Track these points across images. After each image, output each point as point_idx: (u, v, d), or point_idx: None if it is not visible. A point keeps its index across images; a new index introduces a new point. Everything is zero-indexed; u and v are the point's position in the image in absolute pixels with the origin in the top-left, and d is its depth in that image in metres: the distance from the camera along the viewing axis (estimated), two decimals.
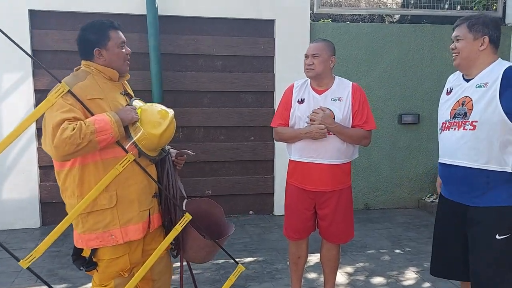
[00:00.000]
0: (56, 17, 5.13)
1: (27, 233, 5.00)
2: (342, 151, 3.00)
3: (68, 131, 2.04)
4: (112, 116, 2.16)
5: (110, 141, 2.15)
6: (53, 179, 5.27)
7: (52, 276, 3.91)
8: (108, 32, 2.33)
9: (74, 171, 2.24)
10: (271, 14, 5.57)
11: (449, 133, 2.51)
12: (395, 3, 6.51)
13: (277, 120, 3.16)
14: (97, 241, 2.29)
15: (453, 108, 2.51)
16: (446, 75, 6.08)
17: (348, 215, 3.14)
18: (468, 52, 2.44)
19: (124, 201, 2.29)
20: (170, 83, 5.40)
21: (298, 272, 3.30)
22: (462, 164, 2.42)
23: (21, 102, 5.09)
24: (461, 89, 2.51)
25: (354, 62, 5.86)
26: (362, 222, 5.48)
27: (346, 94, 3.01)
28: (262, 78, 5.67)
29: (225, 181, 5.69)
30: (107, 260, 2.34)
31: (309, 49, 3.03)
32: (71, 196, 2.29)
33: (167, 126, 2.33)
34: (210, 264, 4.08)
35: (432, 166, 6.18)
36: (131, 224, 2.32)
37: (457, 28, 2.52)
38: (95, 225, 2.28)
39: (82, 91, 2.20)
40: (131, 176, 2.29)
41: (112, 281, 2.38)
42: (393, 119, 6.04)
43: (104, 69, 2.35)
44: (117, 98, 2.35)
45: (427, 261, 4.24)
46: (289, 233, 3.21)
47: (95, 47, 2.32)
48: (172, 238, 2.39)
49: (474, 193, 2.41)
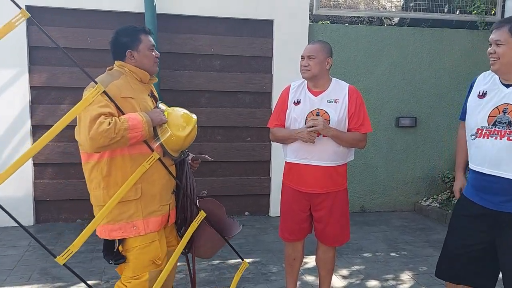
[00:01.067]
0: (53, 14, 5.09)
1: (21, 231, 4.89)
2: (338, 153, 2.98)
3: (104, 125, 2.18)
4: (144, 116, 2.32)
5: (139, 139, 2.30)
6: (47, 177, 5.24)
7: (45, 275, 3.87)
8: (140, 36, 2.51)
9: (102, 163, 2.37)
10: (270, 14, 5.54)
11: (489, 141, 2.40)
12: (394, 6, 6.50)
13: (273, 121, 3.15)
14: (120, 232, 2.41)
15: (491, 114, 2.41)
16: (445, 79, 6.19)
17: (344, 218, 3.12)
18: (510, 57, 2.34)
19: (148, 194, 2.44)
20: (167, 82, 5.37)
21: (294, 274, 3.28)
22: (505, 175, 2.36)
23: (17, 98, 5.05)
24: (500, 94, 2.42)
25: (353, 64, 5.85)
26: (358, 224, 5.47)
27: (342, 96, 2.99)
28: (260, 79, 5.65)
29: (222, 182, 5.66)
30: (138, 248, 2.44)
31: (305, 50, 3.01)
32: (96, 188, 2.42)
33: (192, 129, 2.55)
34: (205, 265, 4.06)
35: (429, 170, 6.17)
36: (153, 217, 2.47)
37: (497, 32, 2.39)
38: (119, 215, 2.40)
39: (117, 89, 2.36)
40: (156, 172, 2.44)
41: (147, 273, 2.46)
42: (391, 122, 6.04)
43: (136, 70, 2.51)
44: (145, 99, 2.51)
45: (422, 264, 4.24)
46: (284, 234, 3.19)
47: (127, 49, 2.49)
48: (191, 233, 2.56)
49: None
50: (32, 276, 3.84)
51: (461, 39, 6.09)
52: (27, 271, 3.95)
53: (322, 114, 2.94)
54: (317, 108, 2.96)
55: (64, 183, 5.27)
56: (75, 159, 5.16)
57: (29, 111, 5.10)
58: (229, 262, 4.19)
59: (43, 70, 5.14)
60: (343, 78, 3.29)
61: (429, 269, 4.11)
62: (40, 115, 5.14)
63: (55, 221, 5.34)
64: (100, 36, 5.08)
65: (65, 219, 5.35)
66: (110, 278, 3.78)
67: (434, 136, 6.16)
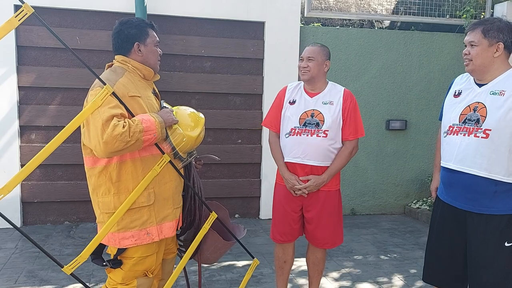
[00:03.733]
0: (42, 13, 5.03)
1: (8, 233, 4.88)
2: (330, 154, 3.00)
3: (119, 128, 2.04)
4: (156, 117, 2.20)
5: (153, 141, 2.18)
6: (35, 178, 5.17)
7: (32, 277, 3.81)
8: (147, 29, 2.39)
9: (110, 168, 2.22)
10: (261, 16, 5.54)
11: (457, 138, 2.44)
12: (385, 9, 6.53)
13: (268, 120, 3.20)
14: (132, 240, 2.26)
15: (463, 112, 2.45)
16: (434, 82, 6.23)
17: (336, 220, 3.12)
18: (483, 58, 2.38)
19: (160, 199, 2.32)
20: (157, 83, 5.23)
21: (284, 277, 3.27)
22: (470, 171, 2.37)
23: (4, 99, 4.98)
24: (473, 93, 2.45)
25: (344, 67, 5.86)
26: (348, 227, 5.47)
27: (337, 99, 3.02)
28: (251, 81, 5.64)
29: (212, 184, 5.63)
30: (137, 258, 2.32)
31: (305, 52, 3.05)
32: (105, 194, 2.26)
33: (202, 129, 2.43)
34: (195, 268, 4.03)
35: (418, 173, 6.20)
36: (167, 222, 2.35)
37: (471, 33, 2.43)
38: (132, 223, 2.26)
39: (125, 88, 2.22)
40: (167, 174, 2.33)
41: (135, 280, 2.35)
42: (381, 125, 6.05)
43: (141, 66, 2.37)
44: (150, 97, 2.39)
45: (412, 267, 4.25)
46: (276, 235, 3.19)
47: (135, 41, 2.34)
48: (201, 236, 2.45)
49: (481, 201, 2.37)
50: (19, 279, 3.78)
51: (450, 43, 6.14)
52: (14, 273, 3.89)
53: (316, 115, 2.96)
54: (312, 109, 2.99)
55: (51, 184, 5.20)
56: (62, 160, 5.12)
57: (17, 111, 5.03)
58: (219, 265, 4.16)
59: (31, 70, 5.08)
60: (334, 81, 3.30)
61: (419, 271, 4.12)
62: (28, 115, 5.07)
63: (42, 223, 5.27)
64: (89, 36, 5.03)
65: (53, 221, 5.29)
66: (99, 281, 3.73)
67: (424, 139, 6.19)
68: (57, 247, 4.53)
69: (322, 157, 2.98)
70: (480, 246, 2.39)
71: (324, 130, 2.94)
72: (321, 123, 2.95)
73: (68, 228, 5.10)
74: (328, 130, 2.95)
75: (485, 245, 2.38)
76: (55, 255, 4.18)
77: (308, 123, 2.96)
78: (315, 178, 2.96)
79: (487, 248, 2.37)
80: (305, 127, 2.96)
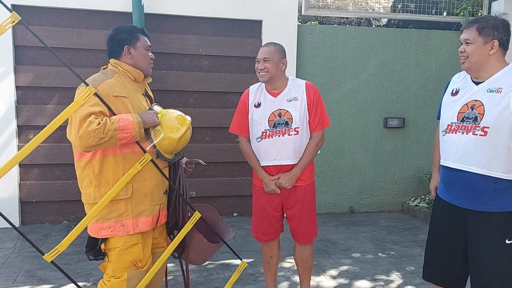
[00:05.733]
0: (40, 13, 5.03)
1: (6, 233, 4.89)
2: (303, 149, 3.05)
3: (93, 125, 2.19)
4: (136, 117, 2.32)
5: (130, 140, 2.31)
6: (33, 178, 5.17)
7: (30, 277, 3.82)
8: (138, 34, 2.55)
9: (94, 162, 2.38)
10: (259, 14, 5.54)
11: (456, 136, 2.44)
12: (383, 7, 6.54)
13: (235, 125, 3.20)
14: (108, 231, 2.40)
15: (461, 111, 2.45)
16: (432, 80, 6.23)
17: (313, 212, 3.16)
18: (478, 56, 2.38)
19: (138, 194, 2.44)
20: (155, 82, 5.28)
21: (272, 272, 3.33)
22: (470, 169, 2.38)
23: (2, 99, 4.99)
24: (470, 91, 2.45)
25: (341, 65, 5.86)
26: (346, 225, 5.48)
27: (300, 93, 3.04)
28: (249, 79, 5.63)
29: (210, 183, 5.64)
30: (120, 249, 2.43)
31: (259, 54, 3.06)
32: (87, 186, 2.43)
33: (185, 132, 2.52)
34: (194, 266, 4.04)
35: (416, 170, 6.21)
36: (143, 216, 2.46)
37: (466, 31, 2.43)
38: (109, 214, 2.40)
39: (110, 88, 2.36)
40: (148, 171, 2.44)
41: (126, 273, 2.45)
42: (379, 123, 6.06)
43: (131, 69, 2.51)
44: (139, 98, 2.51)
45: (410, 264, 4.26)
46: (258, 234, 3.23)
47: (125, 44, 2.50)
48: (183, 235, 2.54)
49: (481, 198, 2.37)
50: (17, 278, 3.78)
51: (447, 41, 6.15)
52: (12, 273, 3.90)
53: (284, 114, 2.99)
54: (278, 109, 3.01)
55: (50, 184, 5.20)
56: (60, 160, 5.12)
57: (15, 111, 5.03)
58: (217, 263, 4.17)
59: (28, 70, 5.08)
60: (331, 79, 3.31)
61: (416, 268, 4.13)
62: (26, 115, 5.08)
63: (41, 222, 5.27)
64: (87, 35, 5.02)
65: (52, 221, 5.29)
66: (97, 280, 3.74)
67: (421, 137, 6.20)
68: (56, 245, 4.53)
69: (297, 154, 3.02)
70: (481, 245, 2.39)
71: (294, 127, 2.98)
72: (290, 122, 2.98)
73: (67, 228, 5.11)
74: (298, 127, 2.98)
75: (486, 244, 2.37)
76: None
77: (277, 123, 2.99)
78: (284, 175, 3.00)
79: (488, 246, 2.37)
80: (275, 128, 2.98)
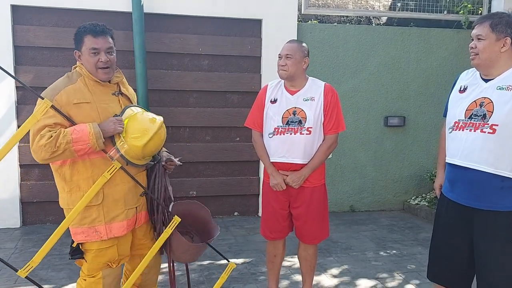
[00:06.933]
0: (39, 13, 5.03)
1: (7, 233, 4.89)
2: (314, 150, 3.03)
3: (43, 140, 2.19)
4: (93, 127, 2.25)
5: (88, 150, 2.27)
6: (34, 178, 5.18)
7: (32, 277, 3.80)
8: (83, 37, 2.41)
9: (64, 168, 2.38)
10: (259, 13, 5.53)
11: (463, 134, 2.41)
12: (383, 5, 6.53)
13: (250, 119, 3.21)
14: (83, 236, 2.43)
15: (469, 108, 2.42)
16: (432, 78, 6.22)
17: (322, 214, 3.15)
18: (489, 53, 2.35)
19: (110, 199, 2.42)
20: (155, 82, 5.34)
21: (275, 271, 3.33)
22: (476, 167, 2.34)
23: (2, 99, 4.99)
24: (479, 88, 2.42)
25: (341, 64, 5.85)
26: (347, 224, 5.48)
27: (318, 94, 3.03)
28: (249, 79, 5.64)
29: (211, 182, 5.64)
30: (95, 251, 2.46)
31: (283, 50, 3.05)
32: (61, 191, 2.46)
33: (150, 138, 2.36)
34: (195, 266, 4.04)
35: (417, 169, 6.21)
36: (116, 222, 2.45)
37: (479, 27, 2.39)
38: (82, 220, 2.41)
39: (68, 96, 2.31)
40: (118, 176, 2.40)
41: (100, 272, 2.49)
42: (379, 122, 6.06)
43: (87, 73, 2.43)
44: (106, 101, 2.43)
45: (411, 263, 4.26)
46: (266, 232, 3.23)
47: (75, 49, 2.47)
48: (163, 241, 2.52)
49: (487, 197, 2.34)
50: (18, 279, 3.78)
51: (448, 39, 6.14)
52: (13, 273, 3.88)
53: (298, 113, 2.98)
54: (294, 107, 3.00)
55: (51, 184, 5.17)
56: None
57: (15, 111, 5.04)
58: (218, 263, 4.17)
59: (28, 70, 5.08)
60: (331, 78, 3.31)
61: (418, 267, 4.13)
62: (26, 115, 5.07)
63: (42, 223, 5.27)
64: None
65: (53, 221, 5.29)
66: None
67: (422, 135, 6.20)
68: (57, 246, 4.52)
69: (307, 154, 3.00)
70: (488, 244, 2.36)
71: (307, 127, 2.96)
72: (303, 121, 2.97)
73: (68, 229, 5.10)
74: (311, 127, 2.97)
75: (493, 244, 2.35)
76: (55, 255, 4.19)
77: (290, 121, 2.98)
78: (292, 174, 2.99)
79: (495, 246, 2.34)
80: (288, 125, 2.97)
